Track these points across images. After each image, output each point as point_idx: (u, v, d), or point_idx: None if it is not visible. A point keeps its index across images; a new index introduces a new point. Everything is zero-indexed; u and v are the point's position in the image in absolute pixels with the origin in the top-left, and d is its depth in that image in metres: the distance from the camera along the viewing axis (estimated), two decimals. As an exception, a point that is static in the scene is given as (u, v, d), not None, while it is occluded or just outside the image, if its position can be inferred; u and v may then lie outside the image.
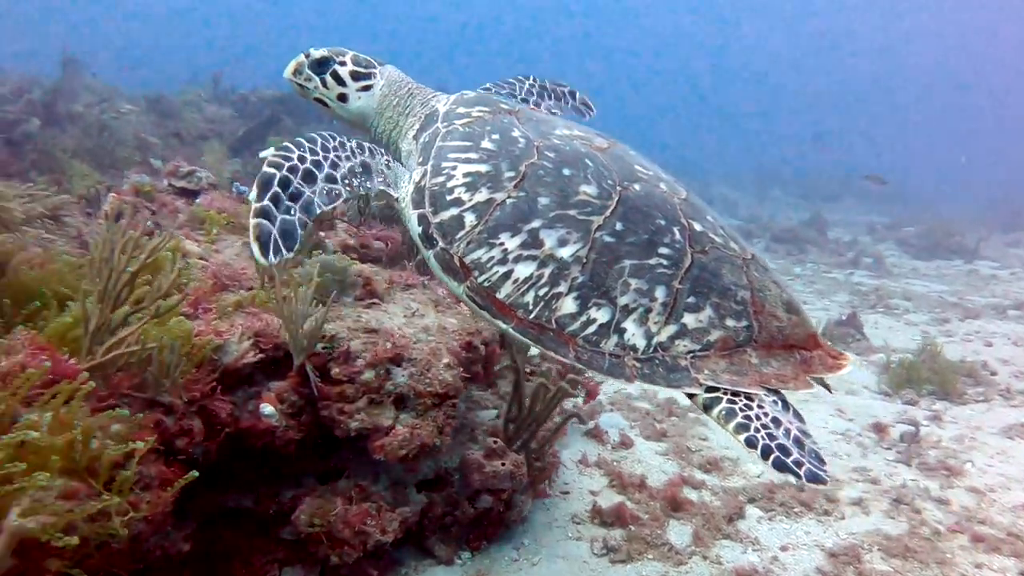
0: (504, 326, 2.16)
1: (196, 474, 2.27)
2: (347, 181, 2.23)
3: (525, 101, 3.05)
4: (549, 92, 3.16)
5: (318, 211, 2.11)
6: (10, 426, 2.10)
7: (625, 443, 4.94)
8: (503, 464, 3.44)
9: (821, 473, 1.90)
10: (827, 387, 2.27)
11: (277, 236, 1.99)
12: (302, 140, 2.22)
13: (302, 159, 2.15)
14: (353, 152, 2.31)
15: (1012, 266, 14.69)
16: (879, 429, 5.74)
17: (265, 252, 1.97)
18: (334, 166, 2.21)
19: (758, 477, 4.66)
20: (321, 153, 2.20)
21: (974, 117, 55.85)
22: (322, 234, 4.53)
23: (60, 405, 2.14)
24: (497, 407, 4.23)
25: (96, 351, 2.42)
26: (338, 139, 2.29)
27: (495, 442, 3.50)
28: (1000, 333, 9.18)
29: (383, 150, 2.50)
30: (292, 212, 2.06)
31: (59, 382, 2.17)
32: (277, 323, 3.17)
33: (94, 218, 4.89)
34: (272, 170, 2.08)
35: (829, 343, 2.34)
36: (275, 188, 2.05)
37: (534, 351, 3.76)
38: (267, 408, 3.03)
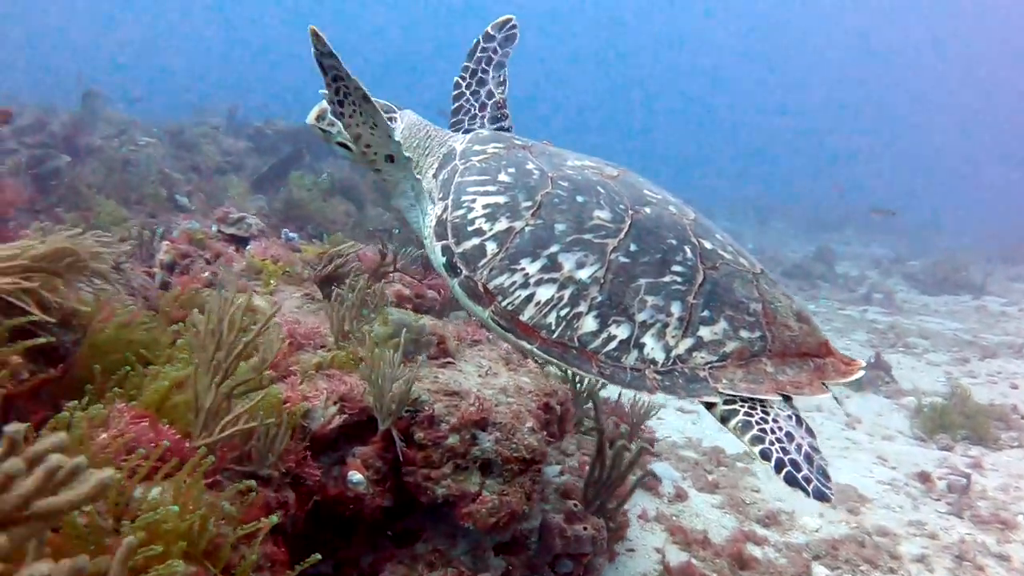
0: (528, 346, 2.24)
1: (319, 557, 2.22)
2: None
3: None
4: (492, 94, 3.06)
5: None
6: (125, 507, 2.06)
7: (680, 495, 4.89)
8: (585, 528, 3.39)
9: (826, 491, 1.93)
10: (835, 398, 2.39)
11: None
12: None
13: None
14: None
15: (1019, 302, 14.79)
16: (924, 478, 5.71)
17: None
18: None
19: (816, 531, 4.61)
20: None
21: (969, 145, 56.31)
22: (383, 284, 4.51)
23: (180, 483, 2.09)
24: (560, 462, 4.19)
25: (209, 425, 2.37)
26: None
27: (575, 505, 3.45)
28: (1021, 374, 9.22)
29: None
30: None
31: (167, 455, 2.13)
32: (360, 385, 3.13)
33: (152, 266, 4.84)
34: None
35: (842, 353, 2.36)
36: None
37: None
38: (356, 476, 2.98)
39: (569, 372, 3.93)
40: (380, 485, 3.06)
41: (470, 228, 2.37)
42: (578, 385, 4.53)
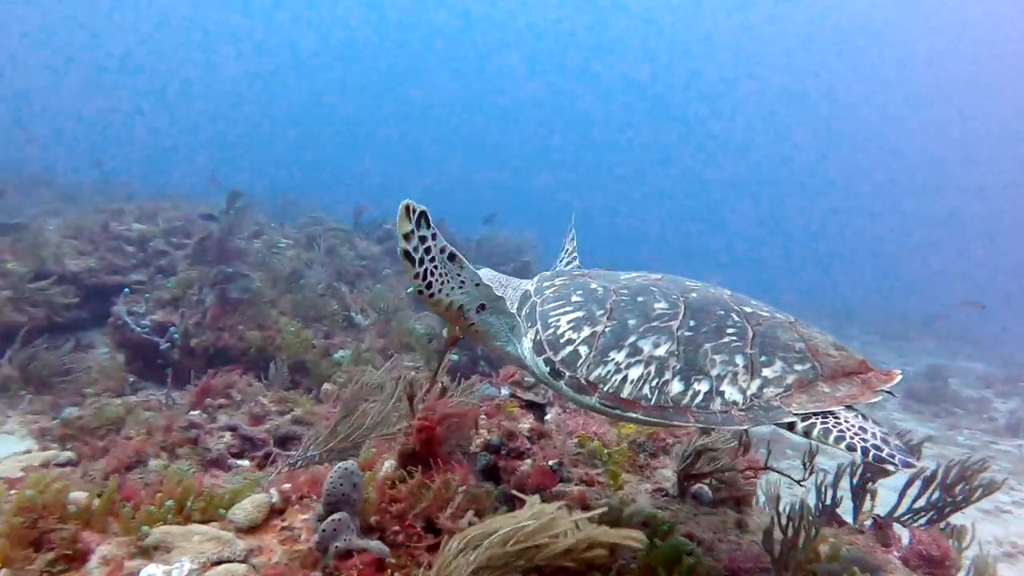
0: (634, 415, 2.65)
1: None
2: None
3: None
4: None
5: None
6: None
7: None
8: None
9: (911, 460, 2.31)
10: (891, 393, 2.69)
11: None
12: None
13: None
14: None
15: None
16: None
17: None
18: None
19: None
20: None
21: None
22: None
23: None
24: None
25: None
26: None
27: None
28: None
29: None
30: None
31: None
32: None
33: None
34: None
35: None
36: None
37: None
38: None
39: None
40: None
41: (562, 340, 2.87)
42: None
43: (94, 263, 10.37)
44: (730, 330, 2.74)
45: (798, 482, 4.60)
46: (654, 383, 2.65)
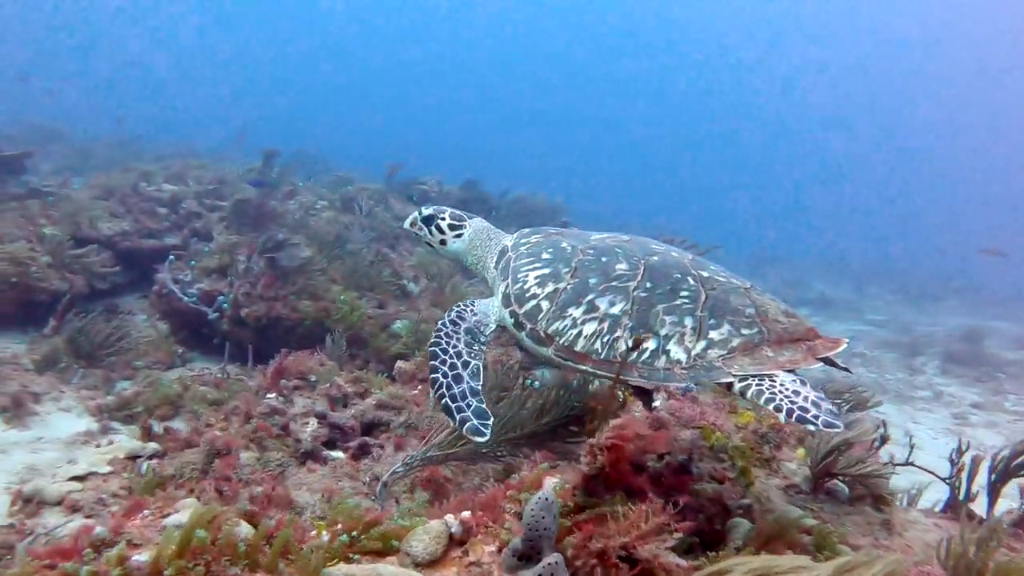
0: (584, 368, 2.89)
1: None
2: (472, 352, 3.10)
3: None
4: None
5: (478, 386, 2.98)
6: None
7: None
8: None
9: (835, 421, 2.40)
10: (835, 364, 2.84)
11: (476, 423, 2.82)
12: (437, 351, 3.06)
13: (451, 365, 3.02)
14: (460, 333, 3.16)
15: None
16: None
17: (481, 435, 2.78)
18: (458, 355, 3.07)
19: None
20: (452, 353, 3.06)
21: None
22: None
23: None
24: None
25: None
26: (448, 331, 3.15)
27: None
28: None
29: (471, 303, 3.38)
30: (470, 402, 2.91)
31: None
32: None
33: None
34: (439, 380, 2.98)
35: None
36: (448, 397, 2.92)
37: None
38: None
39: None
40: None
41: (527, 294, 3.07)
42: None
43: (127, 226, 9.96)
44: (684, 293, 2.88)
45: (945, 480, 4.34)
46: (605, 339, 2.84)
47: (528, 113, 68.04)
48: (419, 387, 5.75)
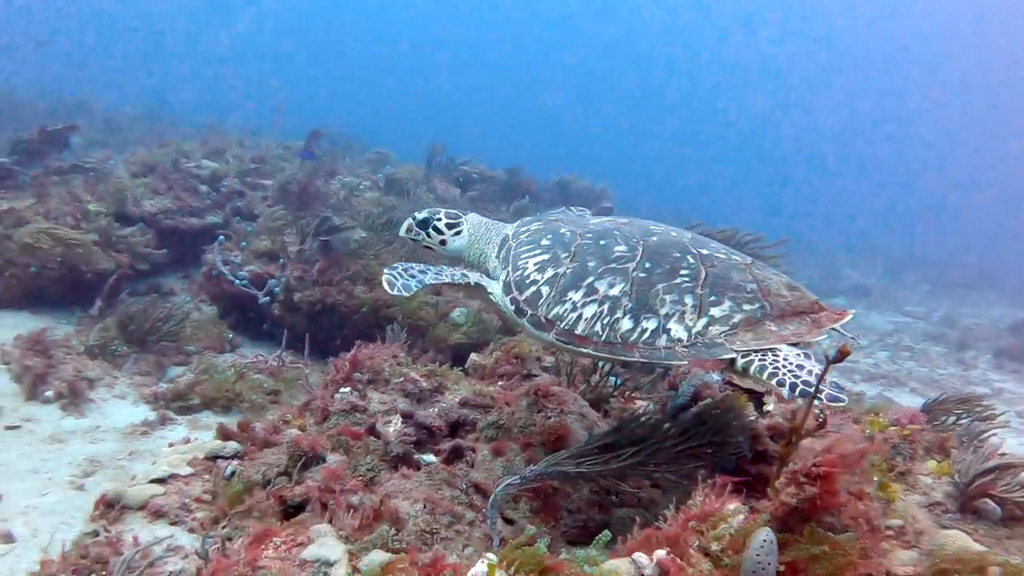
0: (586, 351, 2.88)
1: None
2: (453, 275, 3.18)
3: None
4: None
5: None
6: None
7: None
8: None
9: (840, 395, 2.39)
10: (853, 338, 2.68)
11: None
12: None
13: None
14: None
15: None
16: None
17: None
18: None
19: None
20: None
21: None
22: None
23: None
24: None
25: None
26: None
27: None
28: None
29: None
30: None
31: None
32: None
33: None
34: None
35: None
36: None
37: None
38: None
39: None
40: None
41: (528, 281, 3.06)
42: None
43: (169, 203, 9.65)
44: (683, 271, 2.85)
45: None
46: (606, 321, 2.82)
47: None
48: (499, 383, 5.43)
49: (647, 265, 2.89)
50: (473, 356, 5.85)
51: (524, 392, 4.77)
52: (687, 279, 2.82)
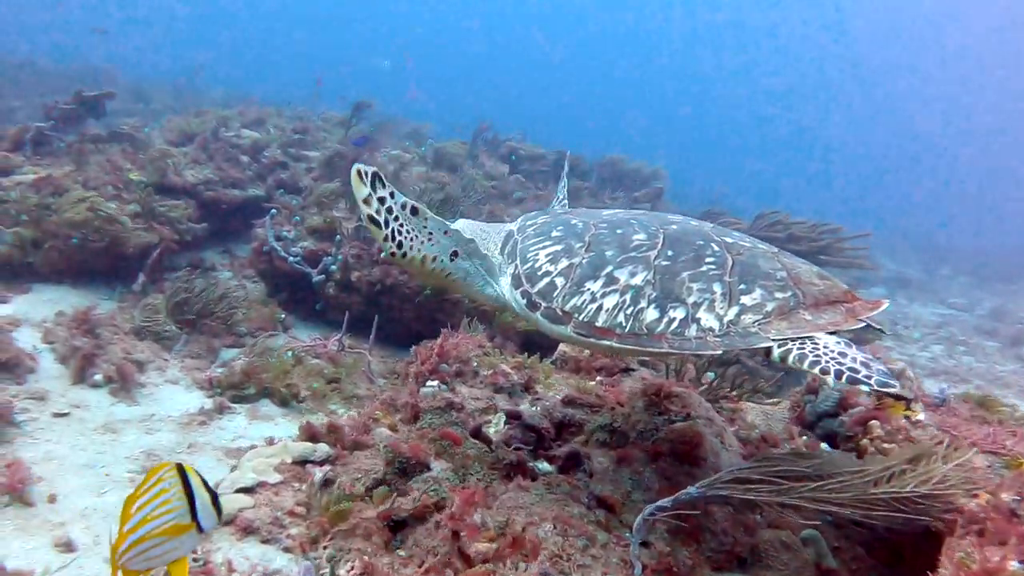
0: (608, 343, 2.71)
1: None
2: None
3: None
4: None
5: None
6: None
7: None
8: None
9: (890, 381, 2.24)
10: (880, 330, 2.71)
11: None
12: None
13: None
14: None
15: None
16: None
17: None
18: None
19: None
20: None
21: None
22: None
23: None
24: None
25: None
26: None
27: None
28: None
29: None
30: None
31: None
32: None
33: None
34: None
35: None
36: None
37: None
38: None
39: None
40: None
41: (539, 272, 2.91)
42: None
43: (211, 174, 9.14)
44: (709, 259, 2.74)
45: None
46: (629, 311, 2.68)
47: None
48: (598, 377, 4.94)
49: (669, 253, 2.77)
50: (563, 347, 5.34)
51: (640, 392, 4.28)
52: (714, 267, 2.70)
